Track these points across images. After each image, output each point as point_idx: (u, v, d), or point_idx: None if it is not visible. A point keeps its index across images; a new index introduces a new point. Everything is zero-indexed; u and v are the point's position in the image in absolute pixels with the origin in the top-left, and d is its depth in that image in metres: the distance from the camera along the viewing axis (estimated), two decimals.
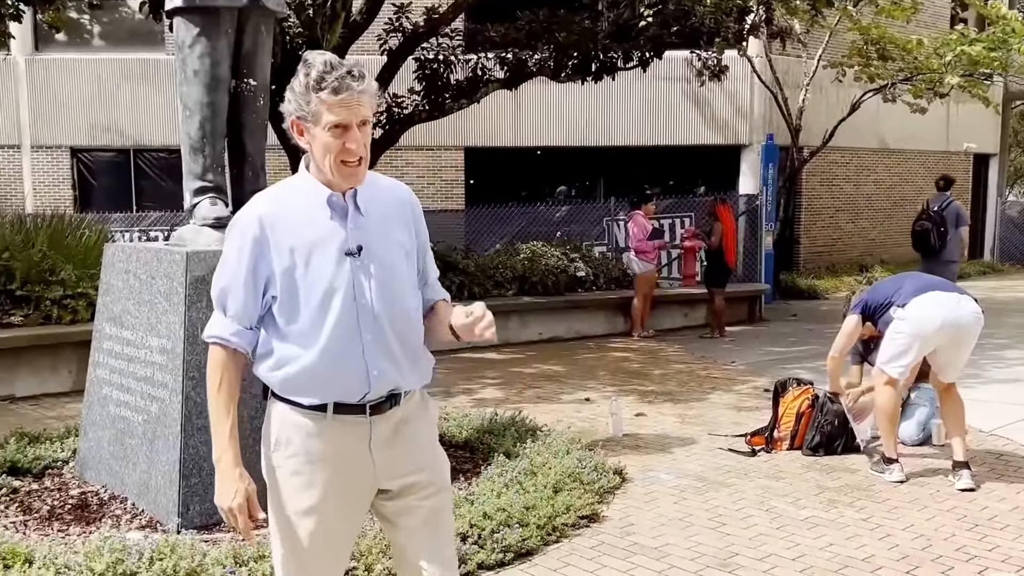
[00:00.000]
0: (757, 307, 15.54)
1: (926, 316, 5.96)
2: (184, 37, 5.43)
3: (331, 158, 2.59)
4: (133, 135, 19.21)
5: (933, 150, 23.64)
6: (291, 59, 11.02)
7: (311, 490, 2.69)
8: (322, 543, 2.73)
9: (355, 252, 2.64)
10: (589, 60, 12.71)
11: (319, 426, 2.68)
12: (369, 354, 2.65)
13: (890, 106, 18.84)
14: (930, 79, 17.59)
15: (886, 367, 6.13)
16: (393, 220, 2.76)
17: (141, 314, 5.28)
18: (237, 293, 2.66)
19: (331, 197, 2.65)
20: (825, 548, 4.93)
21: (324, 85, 2.52)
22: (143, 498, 5.15)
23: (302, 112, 2.58)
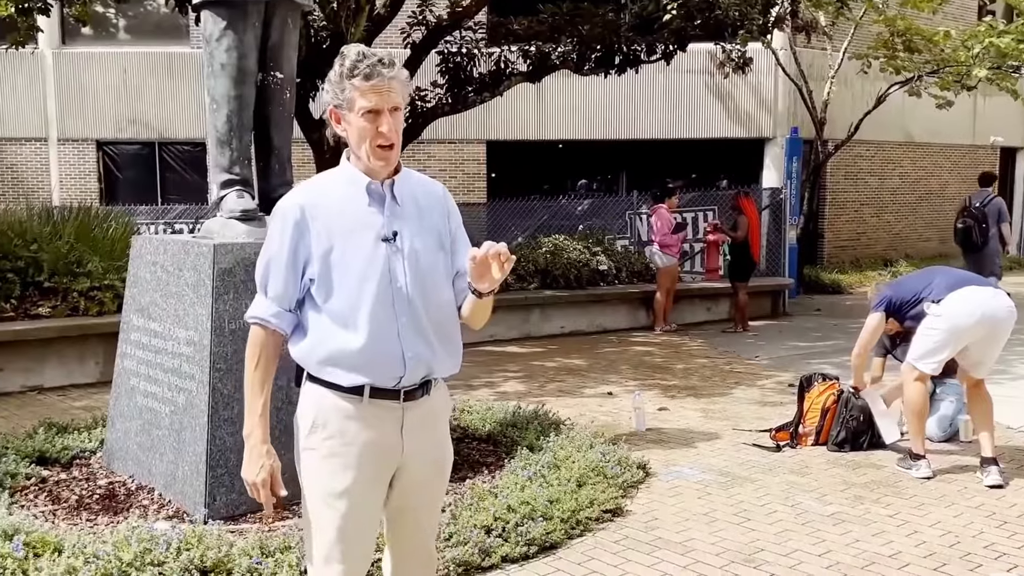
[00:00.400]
0: (781, 302, 15.48)
1: (963, 311, 5.91)
2: (211, 30, 5.46)
3: (367, 143, 2.72)
4: (158, 128, 19.30)
5: (959, 144, 23.47)
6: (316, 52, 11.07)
7: (346, 472, 2.76)
8: (355, 524, 2.80)
9: (391, 238, 2.76)
10: (612, 53, 12.67)
11: (356, 409, 2.76)
12: (404, 336, 2.75)
13: (916, 99, 18.71)
14: (957, 72, 17.46)
15: (918, 363, 6.07)
16: (428, 212, 2.87)
17: (168, 306, 5.31)
18: (278, 275, 2.77)
19: (370, 185, 2.78)
20: (851, 544, 4.91)
21: (356, 72, 2.67)
22: (170, 488, 5.19)
23: (338, 100, 2.73)
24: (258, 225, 5.35)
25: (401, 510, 2.93)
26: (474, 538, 4.53)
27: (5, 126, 19.34)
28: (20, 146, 19.52)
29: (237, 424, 4.97)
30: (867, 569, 4.58)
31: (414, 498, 2.92)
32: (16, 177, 19.47)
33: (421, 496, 2.94)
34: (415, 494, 2.91)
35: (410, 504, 2.93)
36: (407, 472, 2.86)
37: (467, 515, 4.80)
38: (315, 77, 11.21)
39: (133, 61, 19.26)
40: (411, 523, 2.97)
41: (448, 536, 4.50)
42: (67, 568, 3.98)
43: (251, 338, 2.84)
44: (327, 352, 2.75)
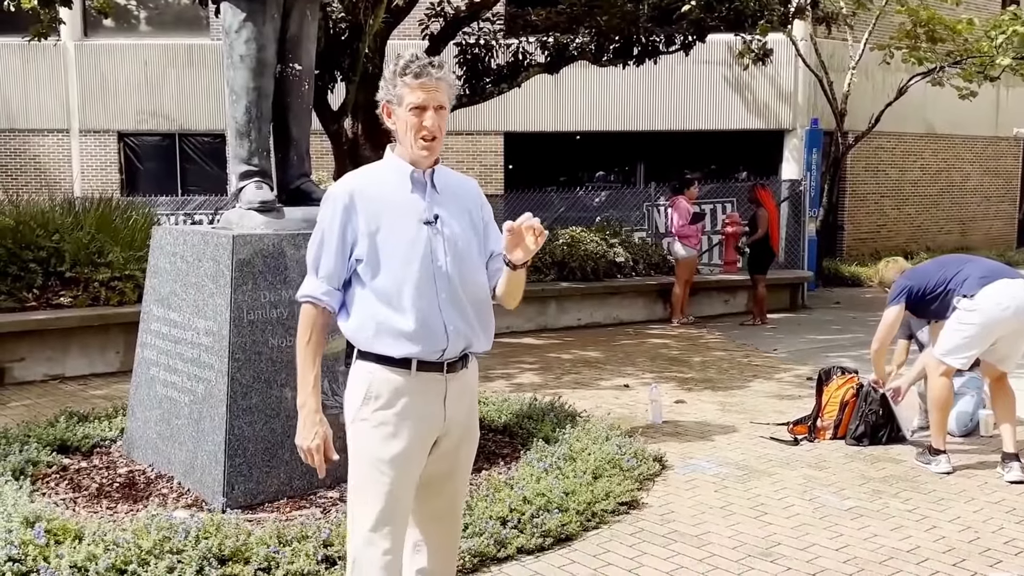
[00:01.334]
0: (800, 294, 15.43)
1: (998, 305, 5.83)
2: (231, 22, 5.48)
3: (412, 134, 2.99)
4: (179, 119, 19.38)
5: (982, 135, 23.32)
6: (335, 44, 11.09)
7: (396, 440, 2.99)
8: (403, 491, 3.02)
9: (432, 220, 3.02)
10: (631, 44, 12.65)
11: (405, 381, 2.99)
12: (445, 311, 3.00)
13: (938, 90, 18.58)
14: (980, 62, 17.33)
15: (947, 358, 6.00)
16: (463, 201, 3.16)
17: (188, 296, 5.34)
18: (328, 255, 3.02)
19: (413, 173, 3.05)
20: (869, 539, 4.90)
21: (408, 71, 2.96)
22: (189, 477, 5.22)
23: (390, 96, 3.01)
24: (276, 216, 5.38)
25: (439, 476, 3.14)
26: (490, 529, 4.55)
27: (28, 118, 19.45)
28: (43, 137, 19.63)
29: (255, 414, 5.02)
30: (885, 564, 4.57)
31: (450, 462, 3.15)
32: (39, 168, 19.58)
33: (457, 461, 3.18)
34: (452, 458, 3.15)
35: (446, 469, 3.15)
36: (447, 439, 3.10)
37: (483, 506, 4.81)
38: (334, 69, 11.24)
39: (154, 53, 19.33)
40: (449, 489, 3.20)
41: (464, 527, 4.51)
42: (87, 555, 4.02)
43: (303, 315, 3.05)
44: (376, 326, 2.98)
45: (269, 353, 5.09)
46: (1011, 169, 24.67)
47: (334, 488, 5.17)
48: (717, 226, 16.00)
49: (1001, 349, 6.01)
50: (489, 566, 4.46)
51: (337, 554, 4.21)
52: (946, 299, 6.05)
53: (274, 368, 5.09)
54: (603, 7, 12.21)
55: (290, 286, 5.12)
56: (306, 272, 3.09)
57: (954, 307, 5.98)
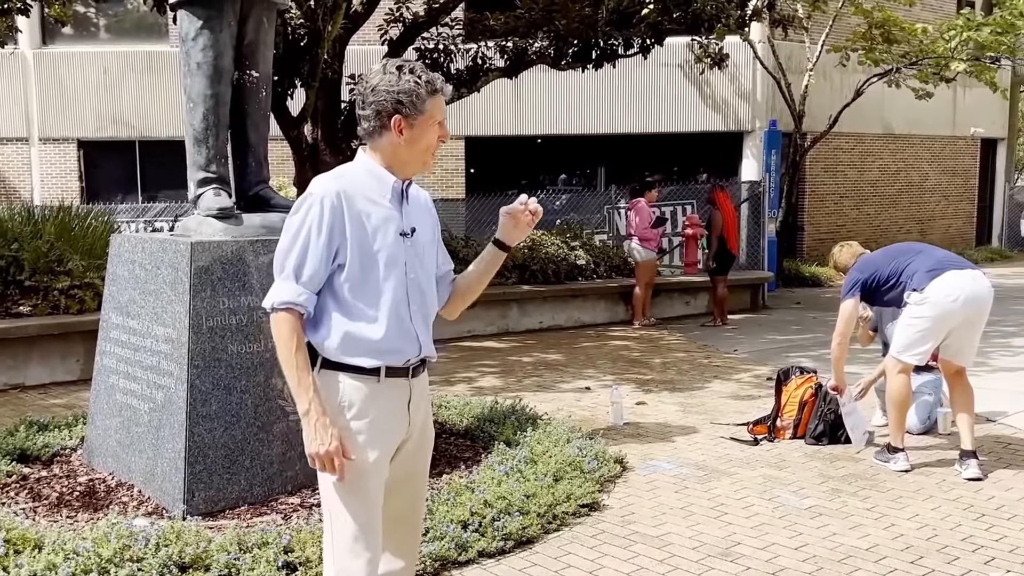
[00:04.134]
0: (760, 295, 15.56)
1: (947, 297, 5.86)
2: (188, 29, 5.47)
3: (429, 149, 3.01)
4: (139, 127, 19.26)
5: (939, 135, 23.60)
6: (293, 50, 11.06)
7: (371, 446, 2.97)
8: (379, 498, 3.01)
9: (409, 233, 3.01)
10: (589, 47, 12.70)
11: (374, 388, 2.97)
12: (416, 322, 3.03)
13: (895, 91, 18.81)
14: (936, 63, 17.55)
15: (903, 355, 6.04)
16: (425, 214, 3.16)
17: (147, 304, 5.32)
18: (312, 259, 2.90)
19: (395, 183, 3.01)
20: (829, 538, 4.94)
21: (437, 87, 2.97)
22: (149, 485, 5.20)
23: (413, 112, 2.93)
24: (235, 223, 5.37)
25: (399, 479, 3.12)
26: (451, 533, 4.56)
27: None
28: (2, 146, 19.46)
29: (215, 421, 5.01)
30: (844, 562, 4.61)
31: (410, 466, 3.15)
32: None
33: (416, 463, 3.18)
34: (412, 461, 3.15)
35: (407, 471, 3.14)
36: (408, 442, 3.11)
37: (444, 510, 4.83)
38: (293, 75, 11.21)
39: (113, 60, 19.21)
40: (410, 491, 3.19)
41: (425, 531, 4.52)
42: (47, 565, 4.00)
43: (282, 324, 2.91)
44: (348, 337, 2.94)
45: (228, 360, 5.08)
46: (969, 168, 24.98)
47: (295, 494, 5.17)
48: (677, 228, 16.10)
49: (954, 343, 6.04)
50: (450, 570, 4.48)
51: (298, 560, 4.21)
52: (897, 291, 6.09)
53: (233, 375, 5.09)
54: (561, 11, 12.25)
55: (249, 293, 5.12)
56: (269, 278, 3.03)
57: (905, 302, 6.04)
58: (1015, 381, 8.82)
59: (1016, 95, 27.39)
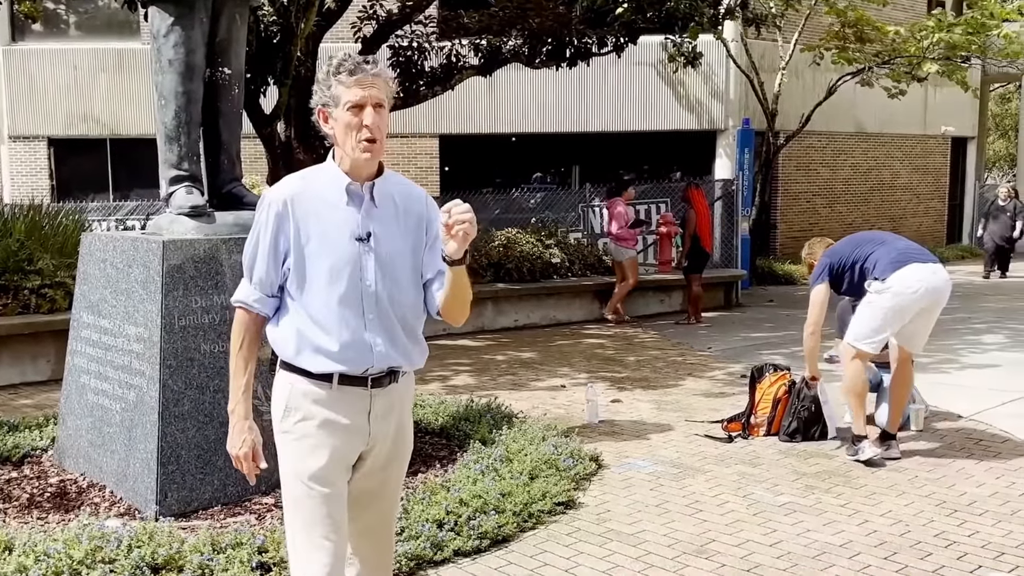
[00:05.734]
0: (734, 293, 15.61)
1: (908, 288, 5.95)
2: (159, 26, 5.43)
3: (352, 136, 2.86)
4: (110, 124, 19.11)
5: (911, 134, 23.76)
6: (266, 47, 11.01)
7: (319, 452, 2.91)
8: (333, 504, 2.94)
9: (364, 238, 2.90)
10: (563, 46, 12.72)
11: (326, 394, 2.92)
12: (372, 331, 2.91)
13: (867, 90, 18.92)
14: (908, 63, 17.67)
15: (858, 343, 6.12)
16: (405, 216, 3.00)
17: (118, 303, 5.28)
18: (260, 262, 2.93)
19: (350, 185, 2.92)
20: (803, 534, 4.96)
21: (342, 69, 2.85)
22: (121, 486, 5.17)
23: (325, 98, 2.89)
24: (207, 221, 5.34)
25: (367, 493, 3.06)
26: (426, 532, 4.55)
27: None
28: None
29: (188, 420, 4.98)
30: (818, 559, 4.63)
31: (379, 480, 3.07)
32: None
33: (387, 478, 3.09)
34: (380, 476, 3.07)
35: (374, 486, 3.07)
36: (372, 456, 3.02)
37: (419, 509, 4.81)
38: (266, 72, 11.16)
39: (84, 57, 19.05)
40: (378, 506, 3.12)
41: (400, 530, 4.51)
42: (17, 566, 3.96)
43: (236, 321, 3.00)
44: (300, 340, 2.91)
45: (201, 359, 5.04)
46: (940, 166, 25.16)
47: (269, 494, 5.14)
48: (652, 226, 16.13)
49: (908, 330, 6.12)
50: (426, 569, 4.46)
51: (272, 560, 4.19)
52: (860, 278, 6.17)
53: (206, 374, 5.05)
54: (535, 9, 12.25)
55: (222, 291, 5.08)
56: (241, 276, 3.04)
57: (865, 290, 6.12)
58: (985, 378, 8.89)
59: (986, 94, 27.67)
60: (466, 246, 2.80)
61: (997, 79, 27.27)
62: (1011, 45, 17.22)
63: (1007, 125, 41.42)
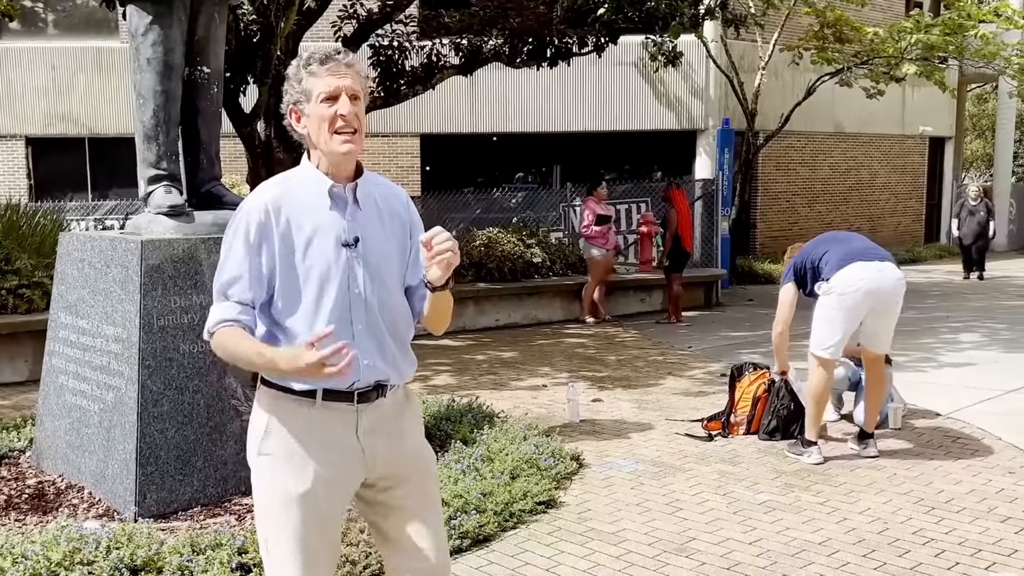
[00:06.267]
0: (714, 292, 15.66)
1: (850, 287, 5.97)
2: (137, 25, 5.40)
3: (326, 129, 2.68)
4: (88, 123, 19.01)
5: (889, 134, 23.89)
6: (246, 46, 10.97)
7: (302, 474, 2.70)
8: (315, 528, 2.73)
9: (352, 243, 2.72)
10: (544, 45, 12.72)
11: (308, 412, 2.72)
12: (360, 343, 2.70)
13: (846, 90, 19.01)
14: (887, 63, 17.77)
15: (817, 351, 6.15)
16: (388, 218, 2.83)
17: (96, 303, 5.25)
18: (243, 278, 2.69)
19: (332, 188, 2.74)
20: (782, 532, 4.98)
21: (312, 60, 2.69)
22: (100, 487, 5.14)
23: (296, 95, 2.72)
24: (186, 220, 5.31)
25: (393, 511, 2.86)
26: None
27: None
28: None
29: (167, 421, 4.95)
30: (797, 556, 4.65)
31: (401, 496, 2.85)
32: None
33: (409, 492, 2.86)
34: (401, 491, 2.84)
35: (398, 502, 2.85)
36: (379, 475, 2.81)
37: None
38: (245, 71, 11.12)
39: (62, 56, 18.94)
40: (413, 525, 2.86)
41: None
42: None
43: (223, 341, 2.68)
44: None
45: (180, 359, 5.02)
46: (917, 166, 25.31)
47: (248, 495, 5.11)
48: (633, 226, 16.16)
49: (866, 329, 6.15)
50: None
51: (252, 561, 4.17)
52: (815, 279, 6.21)
53: (185, 374, 5.03)
54: (516, 9, 12.25)
55: (201, 291, 5.06)
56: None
57: (815, 292, 6.18)
58: (962, 376, 8.94)
59: (963, 95, 27.84)
60: (449, 274, 2.67)
61: (974, 80, 27.43)
62: (987, 46, 17.33)
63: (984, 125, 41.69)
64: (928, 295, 15.94)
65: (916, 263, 22.34)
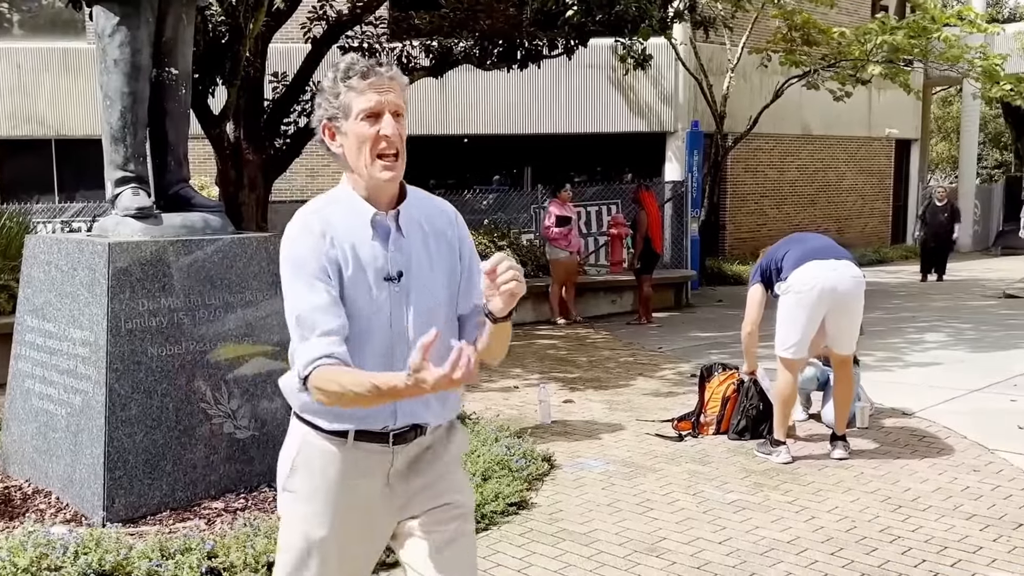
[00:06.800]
0: (684, 293, 15.72)
1: (805, 285, 6.02)
2: (104, 26, 5.36)
3: (366, 151, 2.44)
4: (55, 125, 18.84)
5: (855, 136, 24.06)
6: (214, 47, 10.91)
7: (323, 517, 2.52)
8: (335, 572, 2.58)
9: (395, 278, 2.47)
10: (514, 48, 12.73)
11: (339, 452, 2.51)
12: None
13: (813, 92, 19.13)
14: (853, 65, 17.91)
15: (780, 352, 6.21)
16: (436, 244, 2.57)
17: (63, 306, 5.21)
18: (320, 305, 2.39)
19: (375, 217, 2.48)
20: (751, 531, 5.02)
21: (352, 73, 2.43)
22: (68, 491, 5.09)
23: (332, 110, 2.45)
24: (154, 223, 5.27)
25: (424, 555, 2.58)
26: None
27: None
28: None
29: (135, 425, 4.92)
30: (766, 555, 4.68)
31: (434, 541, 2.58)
32: None
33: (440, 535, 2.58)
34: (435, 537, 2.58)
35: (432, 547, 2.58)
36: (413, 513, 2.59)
37: None
38: (214, 73, 11.06)
39: (28, 57, 18.77)
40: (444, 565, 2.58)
41: None
42: None
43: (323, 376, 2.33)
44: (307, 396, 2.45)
45: (148, 363, 4.98)
46: (884, 168, 25.51)
47: (219, 498, 5.10)
48: (603, 227, 16.19)
49: (829, 329, 6.18)
50: (378, 571, 4.44)
51: (222, 566, 4.15)
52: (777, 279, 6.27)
53: (154, 378, 4.99)
54: (486, 11, 12.24)
55: (169, 294, 5.02)
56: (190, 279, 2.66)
57: (775, 293, 6.24)
58: (927, 375, 9.03)
59: (928, 97, 28.10)
60: (513, 304, 2.40)
61: (938, 82, 27.69)
62: (951, 49, 17.50)
63: (949, 128, 42.09)
64: (894, 295, 16.08)
65: (883, 264, 22.52)
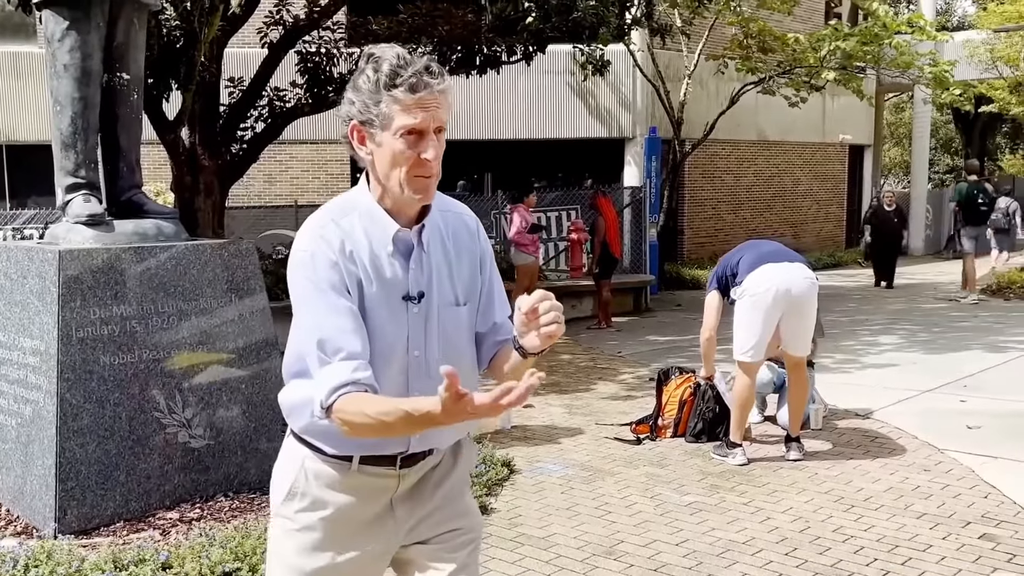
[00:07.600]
0: (643, 298, 15.77)
1: (760, 288, 6.07)
2: (54, 30, 5.30)
3: (401, 171, 2.22)
4: (5, 130, 18.62)
5: (810, 142, 24.26)
6: (169, 52, 10.81)
7: (324, 551, 2.35)
8: None
9: (415, 298, 2.28)
10: (473, 54, 12.72)
11: (341, 477, 2.33)
12: None
13: (769, 99, 19.28)
14: (808, 72, 18.07)
15: (739, 356, 6.25)
16: (457, 256, 2.38)
17: (13, 315, 5.13)
18: (340, 326, 2.18)
19: (399, 233, 2.28)
20: (708, 532, 5.05)
21: (399, 82, 2.15)
22: (18, 504, 5.02)
23: (368, 115, 2.20)
24: (106, 230, 5.21)
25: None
26: None
27: None
28: None
29: (87, 435, 4.85)
30: (722, 556, 4.71)
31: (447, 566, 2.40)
32: None
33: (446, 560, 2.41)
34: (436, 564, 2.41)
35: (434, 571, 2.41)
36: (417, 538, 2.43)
37: None
38: (168, 77, 10.96)
39: None
40: None
41: None
42: None
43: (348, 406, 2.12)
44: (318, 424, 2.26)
45: (101, 372, 4.92)
46: (838, 173, 25.76)
47: (174, 508, 5.05)
48: (563, 233, 16.22)
49: (783, 332, 6.23)
50: None
51: None
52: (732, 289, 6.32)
53: (106, 387, 4.93)
54: (444, 17, 12.23)
55: (122, 302, 4.96)
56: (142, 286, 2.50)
57: (732, 298, 6.28)
58: (881, 377, 9.12)
59: (880, 104, 28.41)
60: (550, 344, 2.20)
61: (891, 88, 28.00)
62: (902, 56, 17.72)
63: (901, 134, 42.59)
64: (849, 299, 16.22)
65: (838, 267, 22.72)
